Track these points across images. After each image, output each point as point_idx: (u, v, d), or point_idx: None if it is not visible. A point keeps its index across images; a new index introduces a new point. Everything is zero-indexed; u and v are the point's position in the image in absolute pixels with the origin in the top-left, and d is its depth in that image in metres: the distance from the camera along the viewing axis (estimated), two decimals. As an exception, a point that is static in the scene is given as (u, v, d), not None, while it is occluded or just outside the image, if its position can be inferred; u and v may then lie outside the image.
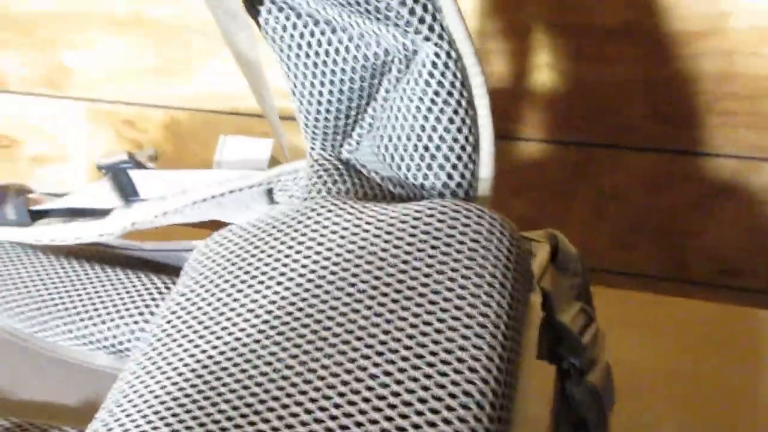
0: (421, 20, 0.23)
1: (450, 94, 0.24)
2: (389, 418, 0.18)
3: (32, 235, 0.31)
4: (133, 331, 0.29)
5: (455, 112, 0.25)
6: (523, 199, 0.53)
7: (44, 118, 0.69)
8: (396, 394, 0.19)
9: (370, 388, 0.19)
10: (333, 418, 0.18)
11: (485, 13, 0.48)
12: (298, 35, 0.26)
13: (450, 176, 0.26)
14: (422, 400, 0.18)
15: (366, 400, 0.19)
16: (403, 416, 0.18)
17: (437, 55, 0.24)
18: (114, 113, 0.67)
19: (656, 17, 0.45)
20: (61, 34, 0.62)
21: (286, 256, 0.23)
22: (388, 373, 0.19)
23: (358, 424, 0.18)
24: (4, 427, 0.26)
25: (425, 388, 0.18)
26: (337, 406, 0.19)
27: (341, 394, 0.19)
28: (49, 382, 0.30)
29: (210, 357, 0.22)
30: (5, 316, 0.32)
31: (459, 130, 0.25)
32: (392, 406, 0.18)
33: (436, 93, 0.24)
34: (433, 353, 0.19)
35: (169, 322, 0.24)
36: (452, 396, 0.18)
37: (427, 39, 0.24)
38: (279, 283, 0.23)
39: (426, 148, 0.25)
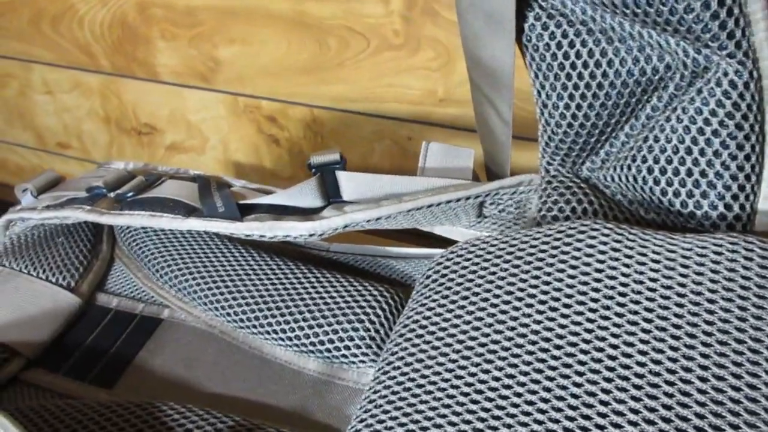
0: (731, 35, 0.21)
1: (745, 117, 0.22)
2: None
3: (243, 229, 0.31)
4: (352, 338, 0.28)
5: (746, 137, 0.22)
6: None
7: (188, 109, 0.71)
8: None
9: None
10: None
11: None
12: (567, 44, 0.24)
13: (728, 207, 0.23)
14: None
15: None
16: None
17: (738, 73, 0.22)
18: (257, 108, 0.67)
19: None
20: (220, 28, 0.63)
21: (558, 280, 0.22)
22: (717, 428, 0.17)
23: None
24: (227, 425, 0.26)
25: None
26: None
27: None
28: (252, 380, 0.29)
29: (483, 382, 0.20)
30: (205, 308, 0.32)
31: (747, 158, 0.23)
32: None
33: (729, 115, 0.22)
34: (771, 411, 0.17)
35: (420, 336, 0.23)
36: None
37: (731, 56, 0.21)
38: (553, 309, 0.21)
39: (703, 174, 0.23)
